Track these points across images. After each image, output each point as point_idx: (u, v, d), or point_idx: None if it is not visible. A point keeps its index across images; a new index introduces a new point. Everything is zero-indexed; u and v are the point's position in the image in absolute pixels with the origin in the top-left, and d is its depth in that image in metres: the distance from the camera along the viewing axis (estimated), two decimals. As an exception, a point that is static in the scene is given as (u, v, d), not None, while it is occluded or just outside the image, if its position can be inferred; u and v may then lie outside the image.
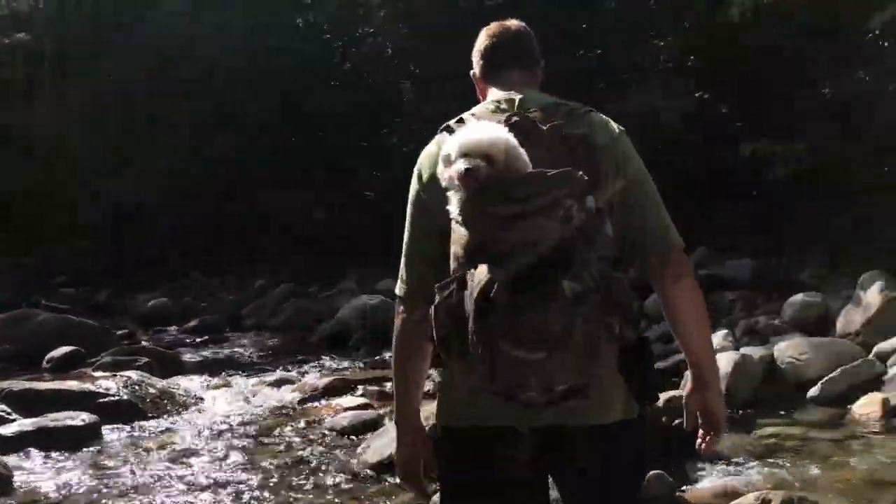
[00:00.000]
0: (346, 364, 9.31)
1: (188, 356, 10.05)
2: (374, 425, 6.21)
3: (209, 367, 9.28)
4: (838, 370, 6.65)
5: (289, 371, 9.05)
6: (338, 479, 5.17)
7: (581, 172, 1.61)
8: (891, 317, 7.67)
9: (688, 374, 1.98)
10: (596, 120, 1.90)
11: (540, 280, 1.54)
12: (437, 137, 1.93)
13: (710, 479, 4.79)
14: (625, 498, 1.91)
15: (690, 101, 14.58)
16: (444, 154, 1.70)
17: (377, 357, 9.56)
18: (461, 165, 1.62)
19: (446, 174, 1.67)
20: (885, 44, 11.71)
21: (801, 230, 13.54)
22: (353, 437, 6.08)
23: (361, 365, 9.23)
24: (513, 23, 2.09)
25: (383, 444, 5.39)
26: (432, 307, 1.69)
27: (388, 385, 7.84)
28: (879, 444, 5.56)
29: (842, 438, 5.73)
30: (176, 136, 19.45)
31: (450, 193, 1.69)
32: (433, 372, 2.01)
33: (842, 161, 12.62)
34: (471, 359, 1.61)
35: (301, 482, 5.19)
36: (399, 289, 1.98)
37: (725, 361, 6.80)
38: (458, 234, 1.71)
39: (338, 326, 10.89)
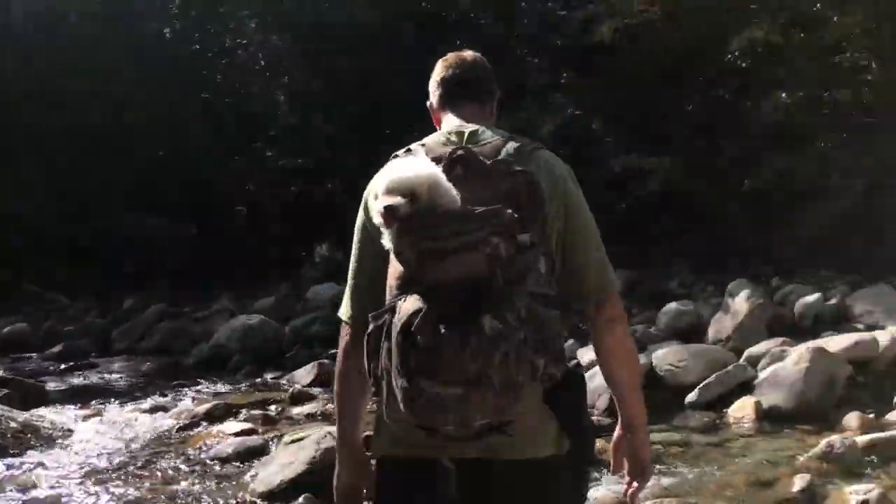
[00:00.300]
0: (226, 388, 8.91)
1: (53, 385, 9.34)
2: (260, 452, 5.95)
3: (77, 396, 8.65)
4: (713, 376, 6.93)
5: (165, 397, 8.58)
6: (226, 512, 4.91)
7: (510, 211, 1.63)
8: (757, 322, 8.11)
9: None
10: (543, 158, 1.89)
11: (461, 317, 1.55)
12: (386, 166, 1.85)
13: (600, 490, 4.84)
14: None
15: (565, 117, 14.97)
16: (374, 190, 1.73)
17: (258, 379, 9.23)
18: (381, 203, 1.65)
19: (376, 206, 1.68)
20: (743, 65, 12.43)
21: (668, 241, 14.17)
22: (239, 465, 5.79)
23: (243, 388, 8.86)
24: (469, 54, 2.10)
25: (272, 471, 5.19)
26: (365, 337, 1.69)
27: (273, 408, 7.58)
28: (755, 445, 5.82)
29: (720, 442, 5.97)
30: (33, 152, 18.28)
31: (382, 228, 1.70)
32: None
33: (706, 175, 13.28)
34: (391, 395, 1.62)
35: (184, 518, 4.90)
36: (344, 314, 1.99)
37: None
38: (394, 265, 1.72)
39: (215, 349, 10.43)
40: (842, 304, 8.43)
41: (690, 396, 6.89)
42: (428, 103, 2.13)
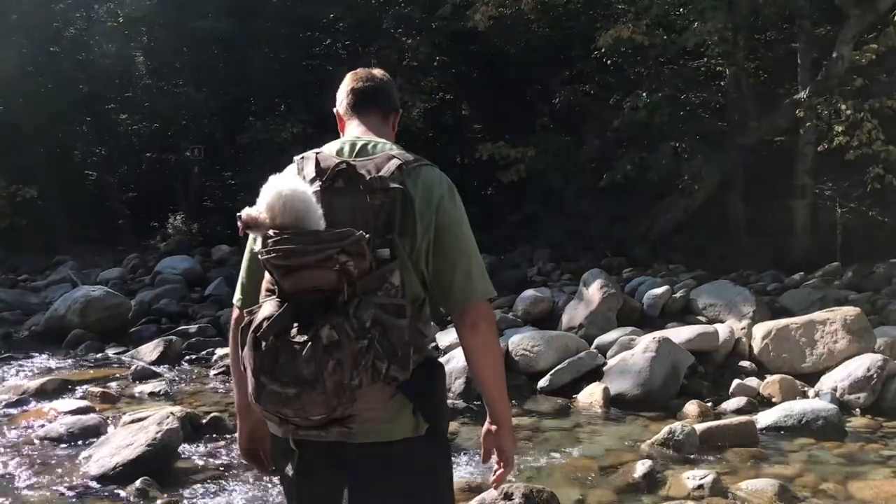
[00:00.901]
0: (63, 363, 8.30)
1: None
2: (96, 432, 5.56)
3: None
4: (565, 362, 7.09)
5: (-9, 371, 7.93)
6: (54, 496, 4.52)
7: (361, 232, 1.81)
8: (608, 312, 8.37)
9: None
10: (424, 174, 2.03)
11: (306, 324, 1.75)
12: (288, 167, 2.05)
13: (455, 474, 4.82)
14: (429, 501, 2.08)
15: (433, 100, 14.94)
16: (255, 207, 1.87)
17: (99, 355, 8.65)
18: (241, 212, 1.84)
19: (241, 219, 1.84)
20: (608, 61, 12.80)
21: (528, 230, 14.46)
22: (73, 446, 5.38)
23: (82, 364, 8.29)
24: (377, 71, 2.30)
25: (107, 452, 4.85)
26: (239, 330, 1.89)
27: (114, 385, 7.15)
28: (602, 431, 5.99)
29: (569, 427, 6.10)
30: None
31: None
32: None
33: (567, 166, 13.62)
34: (251, 387, 1.81)
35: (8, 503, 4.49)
36: (235, 299, 2.15)
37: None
38: (267, 271, 1.89)
39: (53, 320, 9.69)
40: (687, 297, 8.81)
41: (542, 382, 7.02)
42: (335, 109, 2.28)
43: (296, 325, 1.76)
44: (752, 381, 6.75)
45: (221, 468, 5.06)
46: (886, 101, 10.65)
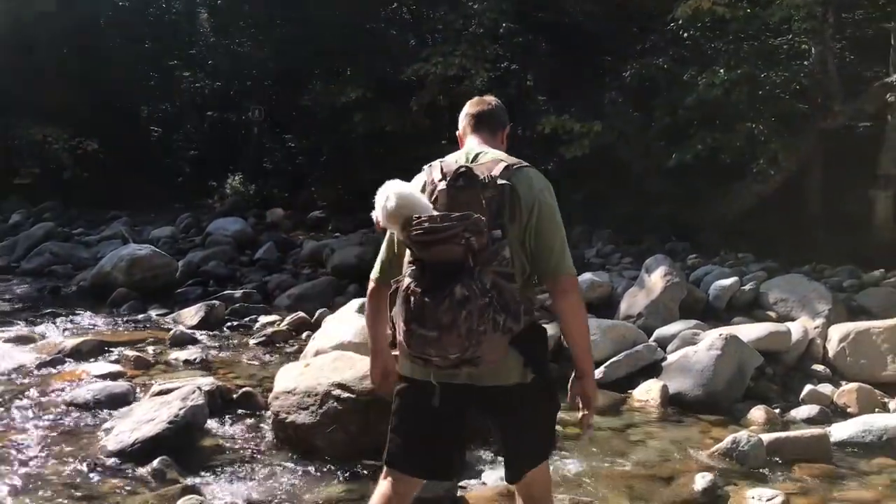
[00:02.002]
0: (104, 323, 8.18)
1: None
2: (123, 400, 5.34)
3: (-70, 316, 7.83)
4: (622, 354, 6.63)
5: (34, 325, 7.85)
6: (65, 472, 4.28)
7: (478, 215, 2.39)
8: (670, 302, 7.84)
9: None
10: (524, 173, 2.61)
11: (441, 285, 2.33)
12: (417, 175, 2.70)
13: (492, 477, 4.46)
14: (535, 436, 2.69)
15: (497, 69, 14.38)
16: (381, 198, 2.48)
17: (141, 315, 8.51)
18: (376, 210, 2.49)
19: (375, 212, 2.50)
20: (685, 34, 12.07)
21: (590, 208, 13.89)
22: (96, 414, 5.17)
23: (121, 324, 8.15)
24: (490, 98, 2.94)
25: (128, 426, 4.60)
26: (389, 295, 2.56)
27: (150, 350, 6.96)
28: (657, 434, 5.52)
29: (622, 427, 5.64)
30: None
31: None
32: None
33: (635, 144, 12.98)
34: (400, 336, 2.43)
35: (19, 474, 4.25)
36: (374, 272, 2.78)
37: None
38: (407, 250, 2.50)
39: (99, 277, 9.59)
40: (757, 290, 8.22)
41: (596, 374, 6.54)
42: (458, 132, 2.93)
43: (433, 286, 2.34)
44: (825, 388, 6.19)
45: (248, 449, 4.78)
46: None
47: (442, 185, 2.52)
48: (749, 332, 6.66)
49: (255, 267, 11.04)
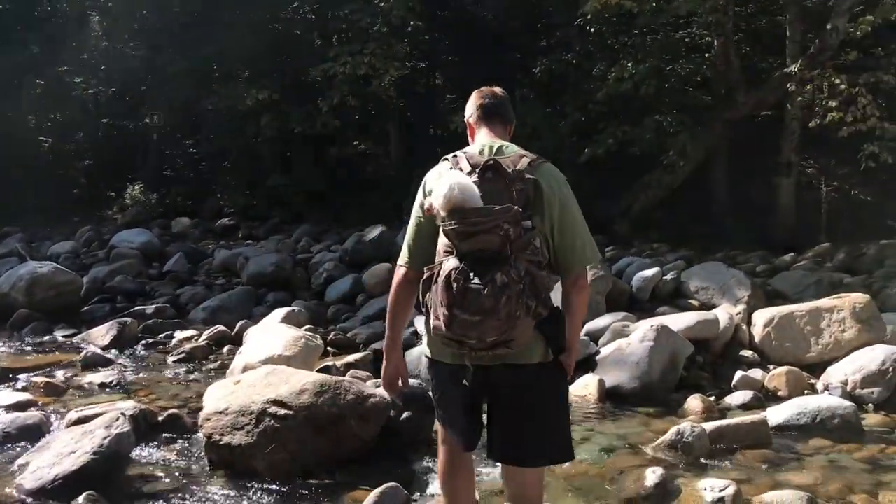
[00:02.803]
0: (5, 348, 7.59)
1: None
2: (37, 432, 4.92)
3: None
4: (556, 351, 6.57)
5: (-76, 355, 7.21)
6: (-21, 515, 3.89)
7: (517, 207, 2.55)
8: (598, 295, 7.85)
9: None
10: (546, 168, 2.75)
11: (483, 273, 2.49)
12: (440, 164, 2.82)
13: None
14: (550, 414, 2.82)
15: (405, 67, 14.23)
16: (429, 186, 2.76)
17: (47, 338, 7.96)
18: (427, 201, 2.69)
19: (426, 205, 2.68)
20: (592, 29, 12.21)
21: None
22: (9, 450, 4.73)
23: (26, 349, 7.59)
24: (498, 89, 3.04)
25: (47, 461, 4.21)
26: (421, 282, 2.68)
27: (60, 374, 6.49)
28: (600, 429, 5.47)
29: (564, 425, 5.57)
30: None
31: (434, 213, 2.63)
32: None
33: (547, 139, 13.06)
34: (437, 319, 2.56)
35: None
36: (401, 259, 2.86)
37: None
38: (442, 239, 2.65)
39: (-5, 298, 8.93)
40: (678, 279, 8.36)
41: (531, 372, 6.50)
42: (466, 119, 3.04)
43: (473, 273, 2.50)
44: (755, 373, 6.31)
45: (181, 476, 4.46)
46: (882, 76, 10.23)
47: (473, 178, 2.62)
48: (678, 321, 6.72)
49: (166, 280, 10.53)
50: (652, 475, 4.36)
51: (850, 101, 10.22)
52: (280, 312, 7.50)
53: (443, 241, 2.63)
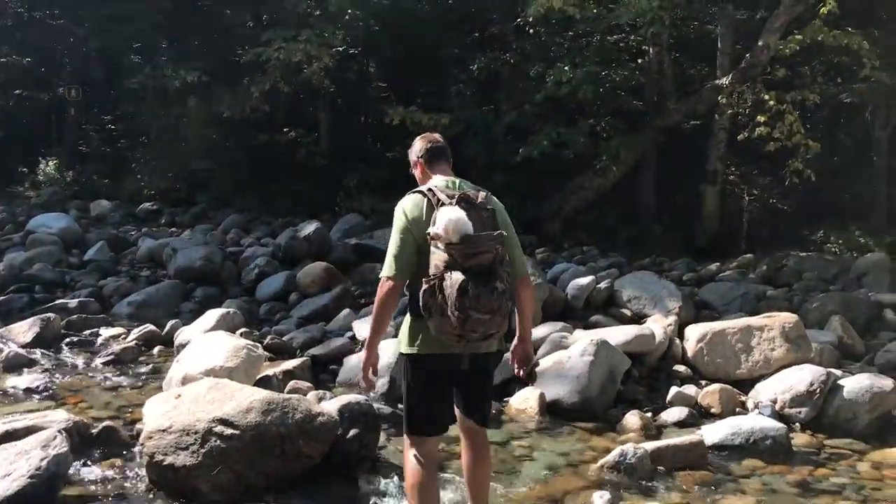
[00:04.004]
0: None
1: None
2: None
3: None
4: (497, 362, 6.59)
5: None
6: None
7: (502, 232, 3.36)
8: (535, 303, 7.93)
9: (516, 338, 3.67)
10: (494, 199, 3.55)
11: (486, 282, 3.18)
12: (413, 195, 3.49)
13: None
14: (491, 387, 3.77)
15: (336, 55, 13.96)
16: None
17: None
18: (433, 230, 3.27)
19: (433, 232, 3.26)
20: (531, 31, 12.25)
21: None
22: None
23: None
24: (438, 135, 3.80)
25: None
26: (421, 291, 3.25)
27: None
28: (540, 446, 5.50)
29: (505, 441, 5.57)
30: None
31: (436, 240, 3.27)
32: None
33: (482, 136, 13.08)
34: (448, 319, 3.18)
35: None
36: (389, 272, 3.39)
37: (391, 351, 6.39)
38: (437, 255, 3.26)
39: None
40: (611, 288, 8.50)
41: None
42: (413, 160, 3.73)
43: (482, 282, 3.16)
44: (689, 389, 6.46)
45: (121, 497, 4.30)
46: (809, 94, 10.62)
47: (471, 227, 3.25)
48: (616, 335, 6.83)
49: (87, 269, 10.09)
50: (599, 500, 4.44)
51: (778, 117, 10.56)
52: (214, 314, 7.28)
53: (440, 258, 3.22)
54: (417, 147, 3.68)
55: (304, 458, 4.58)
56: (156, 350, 7.21)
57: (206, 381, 5.07)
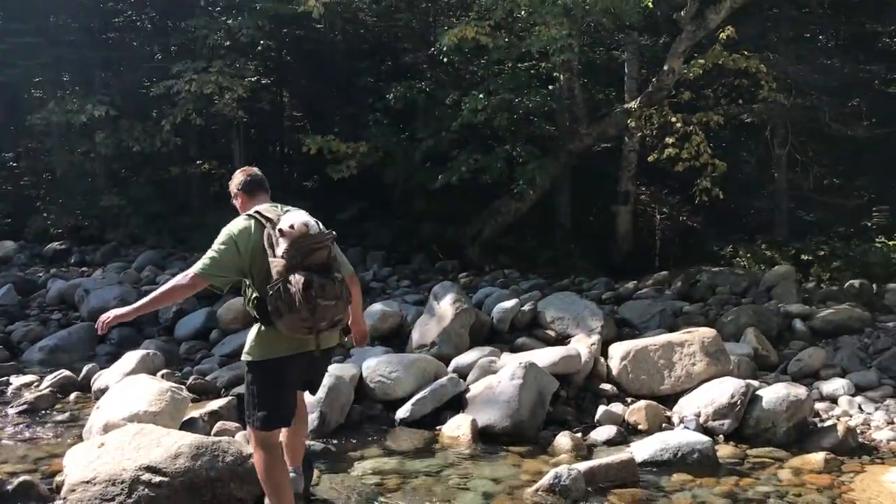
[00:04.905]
0: None
1: None
2: None
3: None
4: (427, 389, 6.60)
5: None
6: None
7: (333, 232, 3.87)
8: (461, 329, 7.98)
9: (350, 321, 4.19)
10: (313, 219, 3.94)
11: (326, 274, 3.66)
12: (238, 219, 3.92)
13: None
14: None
15: (249, 86, 13.82)
16: (279, 225, 3.72)
17: None
18: (280, 225, 3.72)
19: (285, 227, 3.67)
20: (445, 60, 12.40)
21: (355, 229, 13.83)
22: None
23: None
24: (256, 169, 4.26)
25: None
26: (269, 294, 3.63)
27: None
28: (474, 473, 5.48)
29: (438, 469, 5.56)
30: None
31: (279, 243, 3.69)
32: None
33: (400, 164, 13.13)
34: (297, 313, 3.57)
35: None
36: (202, 270, 3.76)
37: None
38: (275, 262, 3.65)
39: None
40: (535, 310, 8.61)
41: (402, 412, 6.51)
42: (233, 192, 4.19)
43: (322, 275, 3.64)
44: (616, 408, 6.60)
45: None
46: (713, 116, 11.06)
47: (316, 227, 3.78)
48: (543, 357, 6.91)
49: (-8, 314, 9.64)
50: (538, 524, 4.47)
51: (685, 138, 10.96)
52: (133, 356, 7.04)
53: (279, 264, 3.61)
54: (237, 180, 4.14)
55: (235, 501, 4.47)
56: (72, 396, 6.93)
57: (129, 427, 4.89)
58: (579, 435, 6.16)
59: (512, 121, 12.13)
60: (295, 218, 3.69)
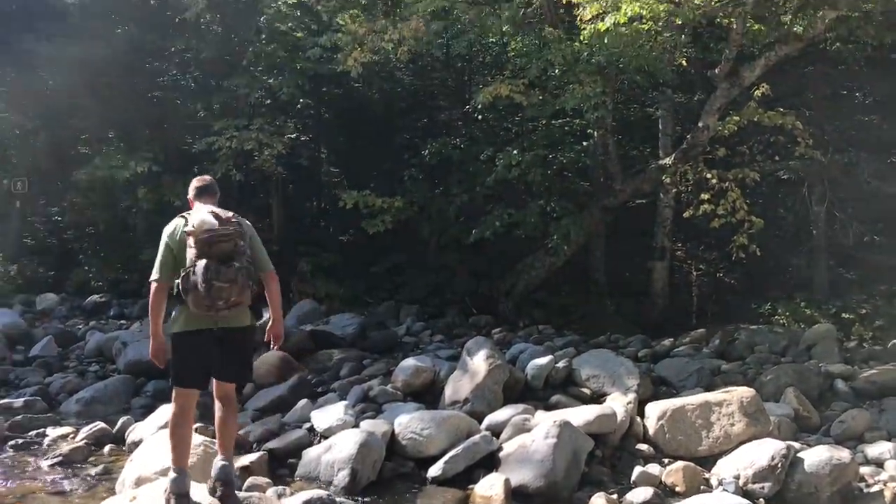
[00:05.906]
0: None
1: None
2: None
3: None
4: (460, 447, 6.53)
5: None
6: None
7: (239, 230, 4.51)
8: (495, 385, 7.89)
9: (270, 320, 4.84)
10: (244, 220, 4.65)
11: (226, 262, 4.35)
12: (177, 219, 4.63)
13: None
14: (247, 360, 4.89)
15: (289, 142, 14.09)
16: (191, 222, 4.45)
17: None
18: (188, 228, 4.44)
19: (188, 229, 4.42)
20: (479, 117, 12.56)
21: (390, 283, 13.88)
22: None
23: None
24: (208, 177, 5.02)
25: None
26: (181, 276, 4.36)
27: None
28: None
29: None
30: None
31: (189, 238, 4.41)
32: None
33: (434, 219, 13.22)
34: (198, 292, 4.29)
35: None
36: (156, 276, 4.49)
37: (352, 442, 6.30)
38: (189, 251, 4.38)
39: None
40: (570, 367, 8.50)
41: (434, 470, 6.43)
42: (189, 199, 4.86)
43: (221, 262, 4.33)
44: (653, 469, 6.46)
45: None
46: (749, 172, 11.00)
47: (216, 223, 4.40)
48: (578, 415, 6.82)
49: (33, 366, 9.75)
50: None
51: (721, 194, 10.90)
52: (167, 410, 7.07)
53: (192, 253, 4.33)
54: (191, 187, 4.84)
55: (265, 558, 4.44)
56: (106, 449, 6.96)
57: (161, 482, 4.89)
58: (615, 496, 6.04)
59: (546, 176, 12.20)
60: (197, 217, 4.38)
